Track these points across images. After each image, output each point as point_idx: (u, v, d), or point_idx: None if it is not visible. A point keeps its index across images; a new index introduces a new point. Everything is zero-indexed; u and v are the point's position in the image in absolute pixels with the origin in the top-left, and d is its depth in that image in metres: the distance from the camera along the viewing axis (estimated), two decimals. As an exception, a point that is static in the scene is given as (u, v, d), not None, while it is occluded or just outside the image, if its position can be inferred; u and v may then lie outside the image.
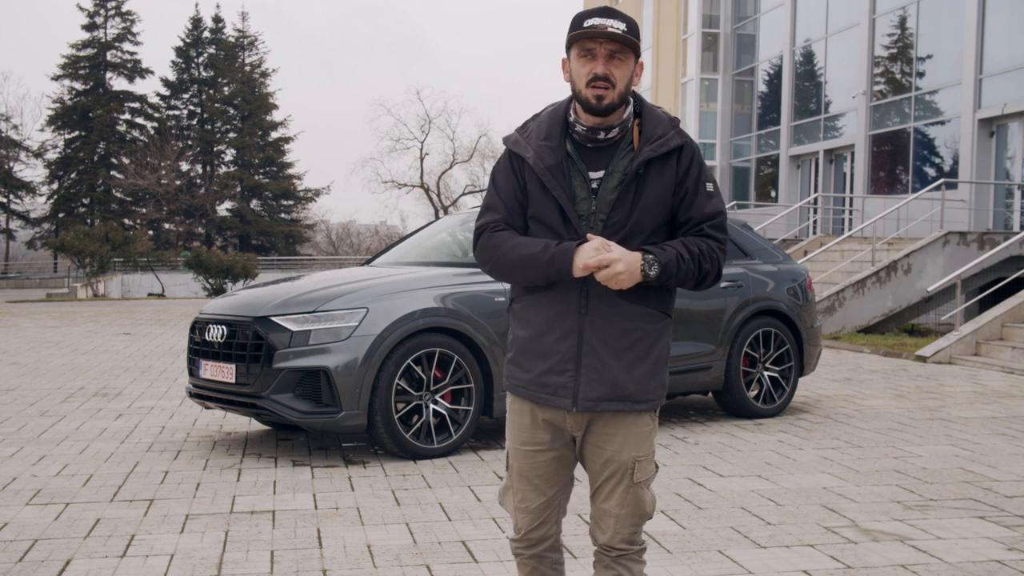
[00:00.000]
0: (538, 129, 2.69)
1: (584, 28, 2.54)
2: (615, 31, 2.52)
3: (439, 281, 6.37)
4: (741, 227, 8.22)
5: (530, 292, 2.69)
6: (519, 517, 2.78)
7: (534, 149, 2.65)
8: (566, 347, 2.63)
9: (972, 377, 10.34)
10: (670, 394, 7.43)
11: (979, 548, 4.33)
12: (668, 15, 31.05)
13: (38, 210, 59.07)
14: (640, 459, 2.68)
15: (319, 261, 56.56)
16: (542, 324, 2.66)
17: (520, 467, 2.75)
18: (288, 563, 4.09)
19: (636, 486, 2.68)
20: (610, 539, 2.70)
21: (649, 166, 2.61)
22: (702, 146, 28.82)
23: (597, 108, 2.56)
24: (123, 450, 6.39)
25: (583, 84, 2.56)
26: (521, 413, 2.74)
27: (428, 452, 6.06)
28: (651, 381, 2.68)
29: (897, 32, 21.74)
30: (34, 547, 4.30)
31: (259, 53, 62.88)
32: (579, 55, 2.57)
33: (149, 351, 12.69)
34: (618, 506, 2.68)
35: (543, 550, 2.81)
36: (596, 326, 2.61)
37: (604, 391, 2.62)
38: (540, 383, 2.66)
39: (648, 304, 2.65)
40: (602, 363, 2.61)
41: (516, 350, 2.73)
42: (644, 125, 2.63)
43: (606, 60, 2.55)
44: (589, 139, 2.63)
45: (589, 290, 2.61)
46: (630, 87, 2.61)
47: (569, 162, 2.63)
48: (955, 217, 17.73)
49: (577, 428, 2.69)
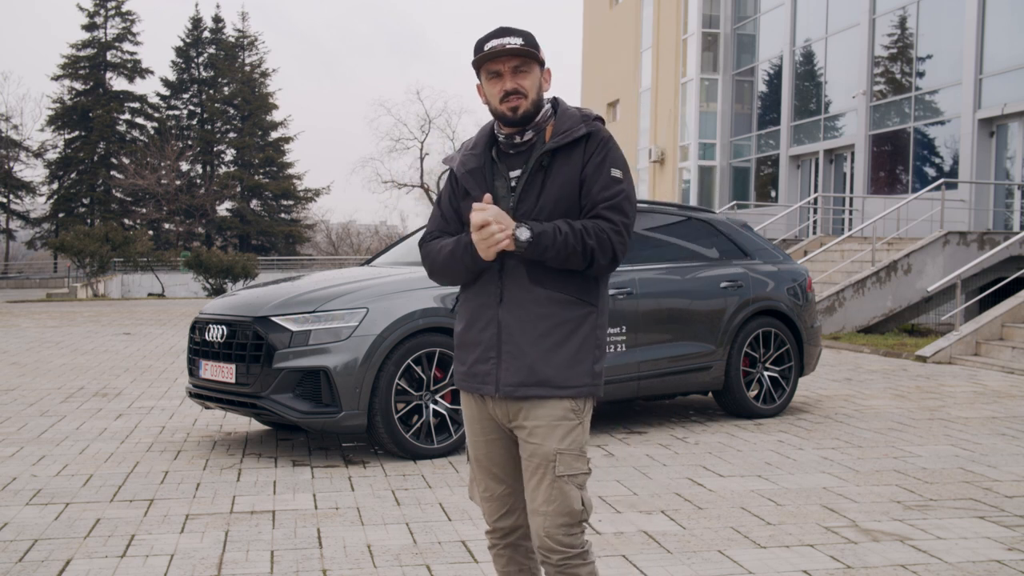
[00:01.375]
0: (468, 143, 2.92)
1: (484, 53, 2.72)
2: (512, 47, 2.71)
3: (439, 281, 6.36)
4: (741, 227, 8.22)
5: (464, 290, 2.87)
6: (485, 507, 2.92)
7: (460, 158, 2.88)
8: (488, 336, 2.77)
9: (972, 377, 10.34)
10: (670, 394, 7.43)
11: (979, 548, 4.33)
12: (668, 15, 31.04)
13: (38, 210, 59.07)
14: (563, 452, 2.72)
15: (319, 261, 56.53)
16: (469, 317, 2.83)
17: (476, 456, 2.91)
18: (288, 563, 4.09)
19: (559, 480, 2.70)
20: (541, 541, 2.72)
21: (554, 157, 2.75)
22: (702, 146, 28.81)
23: (514, 119, 2.74)
24: (123, 450, 6.39)
25: (497, 102, 2.76)
26: (468, 405, 2.90)
27: (428, 452, 6.06)
28: (573, 368, 2.73)
29: (897, 32, 21.74)
30: (34, 547, 4.30)
31: (259, 53, 62.90)
32: (488, 78, 2.77)
33: (149, 351, 12.69)
34: (545, 503, 2.71)
35: (516, 539, 2.91)
36: (513, 314, 2.74)
37: (522, 376, 2.72)
38: (471, 373, 2.82)
39: (566, 291, 2.74)
40: (519, 349, 2.73)
41: (455, 345, 2.90)
42: (556, 123, 2.79)
43: (512, 75, 2.74)
44: (510, 145, 2.82)
45: (504, 279, 2.74)
46: (541, 93, 2.79)
47: (493, 166, 2.82)
48: (955, 217, 17.72)
49: (505, 418, 2.80)
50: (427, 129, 56.42)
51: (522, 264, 2.72)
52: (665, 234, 7.53)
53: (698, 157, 28.85)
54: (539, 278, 2.72)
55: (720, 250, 7.83)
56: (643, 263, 7.15)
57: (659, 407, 8.21)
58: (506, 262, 2.74)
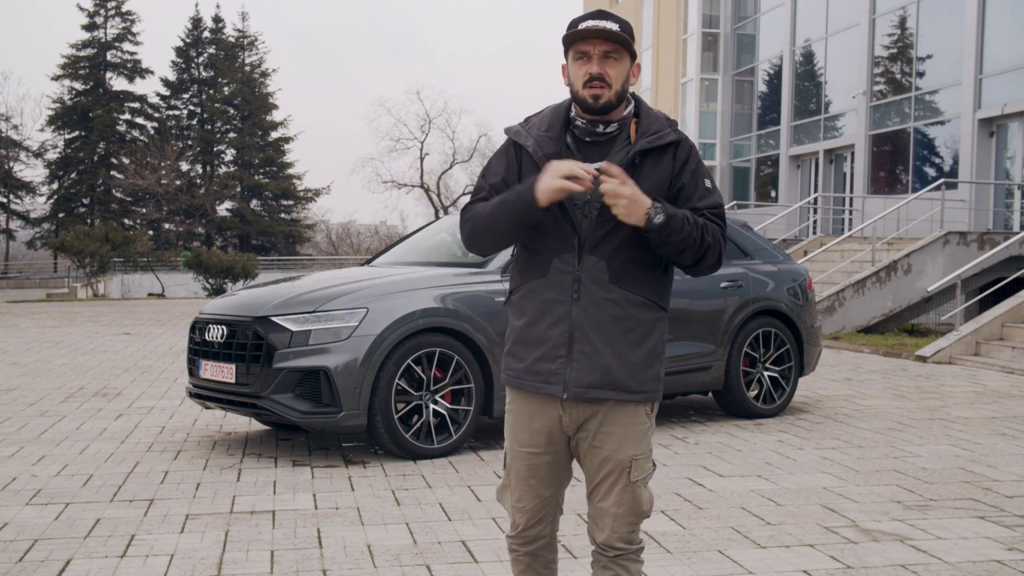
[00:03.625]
0: (540, 122, 2.76)
1: (578, 30, 2.59)
2: (607, 29, 2.58)
3: (439, 281, 6.37)
4: (741, 227, 8.22)
5: (526, 281, 2.71)
6: (516, 515, 2.81)
7: (534, 139, 2.71)
8: (558, 333, 2.64)
9: (972, 377, 10.34)
10: (670, 394, 7.43)
11: (979, 548, 4.33)
12: (668, 15, 31.04)
13: (38, 210, 59.06)
14: (637, 457, 2.68)
15: (319, 261, 56.53)
16: (536, 312, 2.67)
17: (517, 468, 2.77)
18: (288, 563, 4.09)
19: (633, 484, 2.68)
20: (607, 538, 2.70)
21: (645, 158, 2.65)
22: (702, 146, 28.81)
23: (594, 107, 2.62)
24: (123, 450, 6.39)
25: (580, 85, 2.63)
26: (519, 414, 2.74)
27: (428, 452, 6.06)
28: (645, 372, 2.67)
29: (897, 32, 21.74)
30: (34, 547, 4.30)
31: (259, 53, 62.90)
32: (575, 58, 2.64)
33: (149, 351, 12.68)
34: (616, 505, 2.68)
35: (538, 548, 2.83)
36: (588, 312, 2.62)
37: (595, 378, 2.62)
38: (533, 371, 2.67)
39: (642, 293, 2.65)
40: (594, 349, 2.62)
41: (512, 340, 2.75)
42: (641, 122, 2.69)
43: (601, 60, 2.60)
44: (588, 133, 2.68)
45: (581, 275, 2.62)
46: (627, 86, 2.67)
47: (568, 153, 2.67)
48: (955, 217, 17.72)
49: (571, 425, 2.69)
50: (427, 129, 56.46)
51: (603, 261, 2.61)
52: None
53: (698, 157, 28.82)
54: (619, 278, 2.62)
55: (720, 250, 7.82)
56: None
57: (659, 407, 8.20)
58: (584, 257, 2.62)
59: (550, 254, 2.66)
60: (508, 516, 2.86)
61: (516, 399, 2.76)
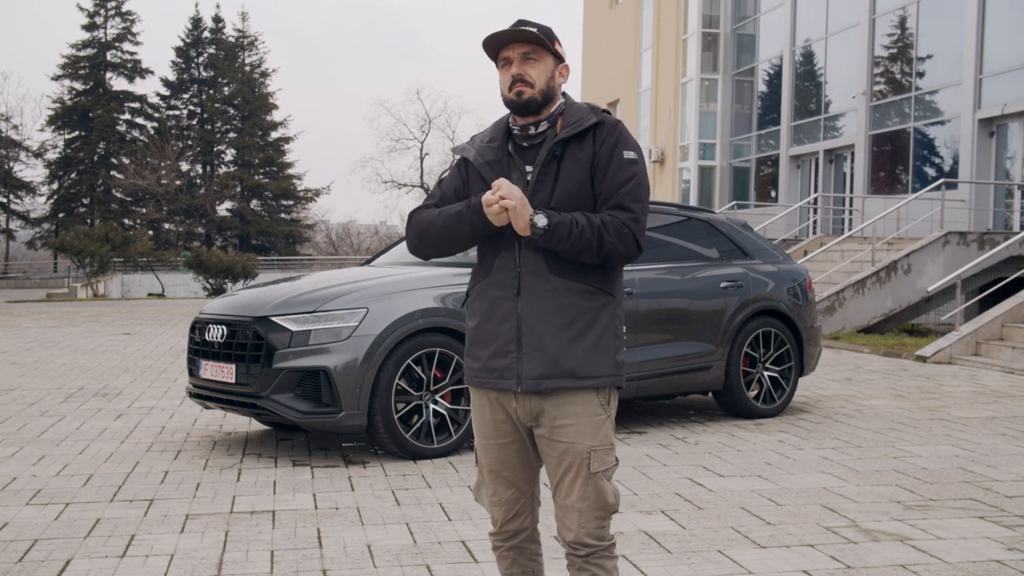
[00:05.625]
0: (482, 136, 2.91)
1: (492, 34, 2.73)
2: (520, 30, 2.71)
3: (439, 281, 6.37)
4: (741, 227, 8.22)
5: (477, 282, 2.82)
6: (495, 510, 2.88)
7: (476, 149, 2.86)
8: (507, 329, 2.73)
9: (972, 377, 10.34)
10: (670, 394, 7.43)
11: (979, 548, 4.33)
12: (668, 15, 31.03)
13: (38, 210, 59.07)
14: (596, 449, 2.71)
15: (319, 261, 56.51)
16: (485, 311, 2.78)
17: (489, 462, 2.85)
18: (288, 563, 4.09)
19: (595, 477, 2.70)
20: (577, 535, 2.73)
21: (566, 148, 2.74)
22: (702, 146, 28.81)
23: (519, 104, 2.74)
24: (123, 450, 6.39)
25: (506, 89, 2.76)
26: (481, 408, 2.84)
27: (428, 452, 6.06)
28: (597, 358, 2.71)
29: (897, 32, 21.74)
30: (34, 547, 4.30)
31: (259, 53, 62.90)
32: (501, 67, 2.78)
33: (149, 351, 12.68)
34: (580, 500, 2.71)
35: (521, 541, 2.89)
36: (532, 305, 2.70)
37: (545, 368, 2.69)
38: (488, 368, 2.76)
39: (584, 280, 2.72)
40: (541, 341, 2.69)
41: (468, 341, 2.85)
42: (565, 115, 2.79)
43: (521, 61, 2.74)
44: (524, 138, 2.80)
45: (521, 270, 2.71)
46: (552, 85, 2.77)
47: (509, 160, 2.80)
48: (955, 217, 17.72)
49: (528, 417, 2.75)
50: (427, 129, 56.54)
51: (540, 253, 2.69)
52: (665, 234, 7.53)
53: (698, 157, 28.85)
54: (557, 268, 2.69)
55: (720, 250, 7.83)
56: (643, 263, 7.15)
57: (659, 407, 8.21)
58: (523, 252, 2.71)
59: (492, 255, 2.78)
60: (488, 513, 2.93)
61: (477, 397, 2.85)
